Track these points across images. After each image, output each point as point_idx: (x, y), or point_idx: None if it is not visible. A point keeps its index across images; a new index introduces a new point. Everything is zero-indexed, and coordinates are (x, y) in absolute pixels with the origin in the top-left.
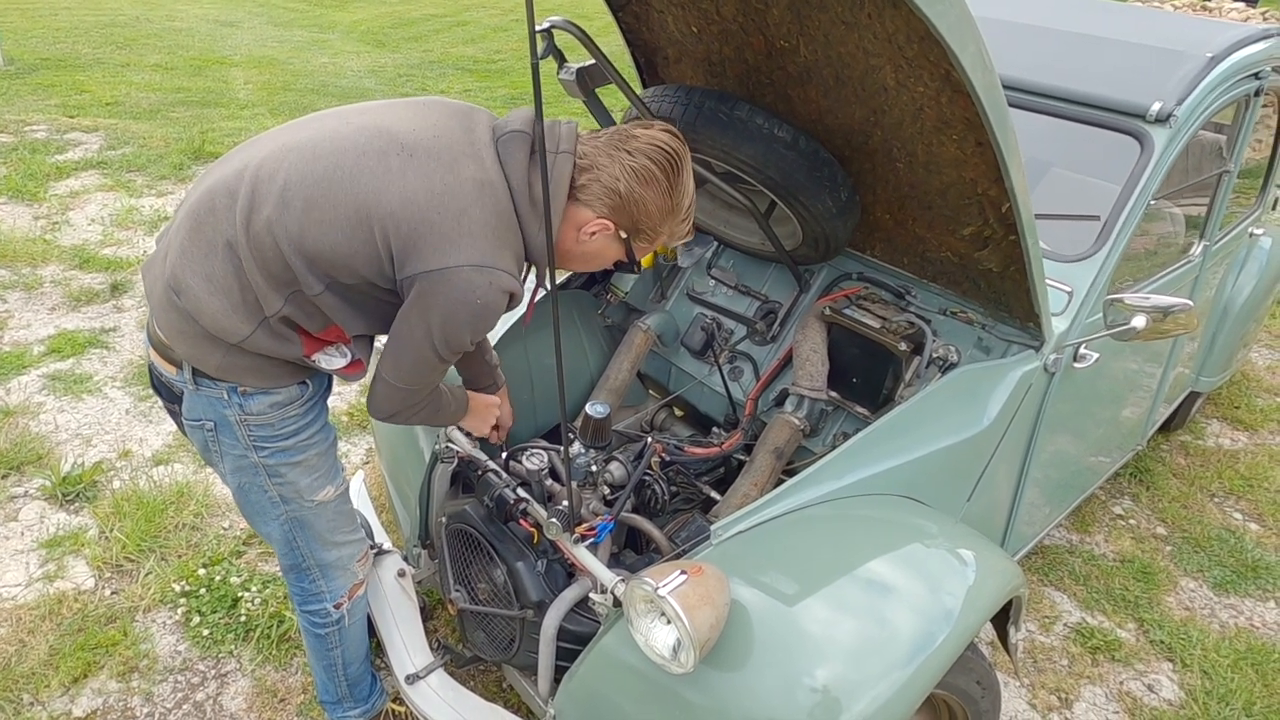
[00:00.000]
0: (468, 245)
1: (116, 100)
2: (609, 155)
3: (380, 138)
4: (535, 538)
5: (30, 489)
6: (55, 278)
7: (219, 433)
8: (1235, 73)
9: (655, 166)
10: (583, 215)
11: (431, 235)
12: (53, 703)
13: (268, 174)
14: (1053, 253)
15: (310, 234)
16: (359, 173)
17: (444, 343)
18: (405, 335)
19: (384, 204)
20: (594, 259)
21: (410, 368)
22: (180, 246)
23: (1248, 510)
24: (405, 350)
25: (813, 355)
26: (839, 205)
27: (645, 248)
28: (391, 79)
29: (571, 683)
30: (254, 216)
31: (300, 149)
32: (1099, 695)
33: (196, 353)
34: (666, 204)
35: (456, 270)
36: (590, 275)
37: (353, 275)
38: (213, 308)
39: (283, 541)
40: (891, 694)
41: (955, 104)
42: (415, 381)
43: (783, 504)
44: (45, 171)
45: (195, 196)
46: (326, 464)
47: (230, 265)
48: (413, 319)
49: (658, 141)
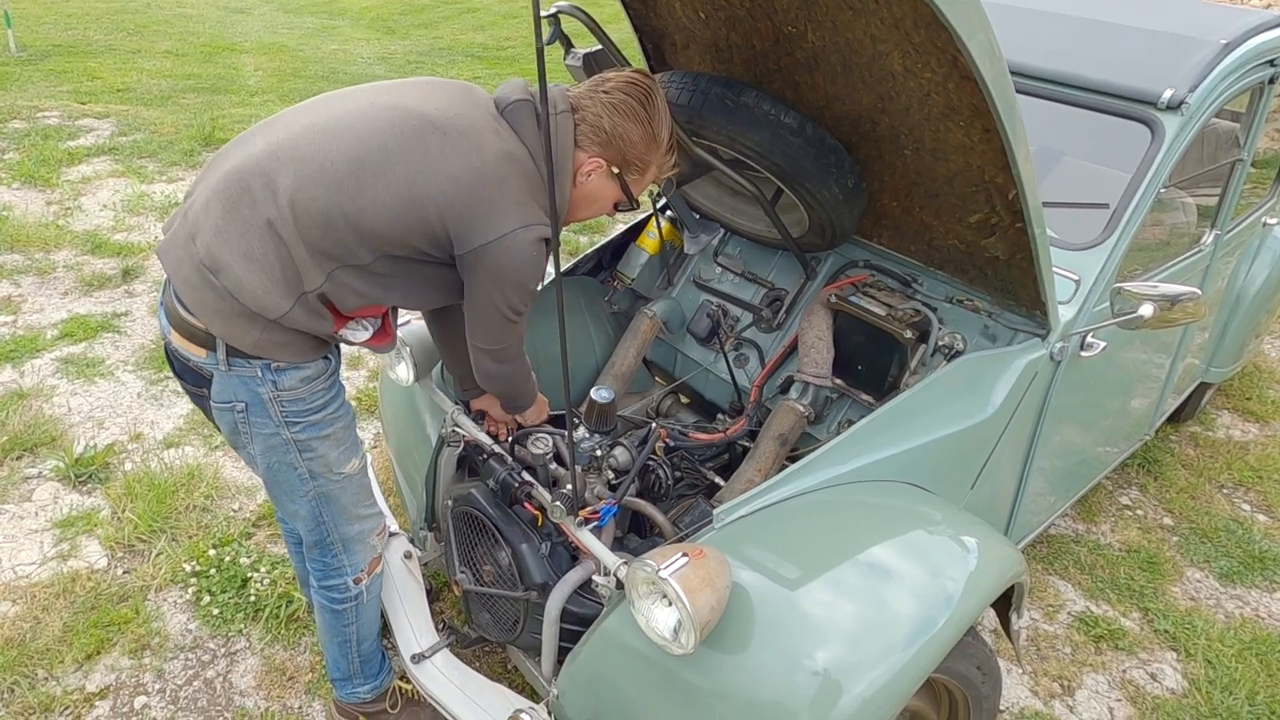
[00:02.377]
0: (514, 211)
1: (128, 87)
2: (590, 98)
3: (411, 118)
4: (540, 521)
5: (44, 470)
6: (68, 263)
7: (250, 413)
8: (1250, 59)
9: (631, 99)
10: (577, 158)
11: (482, 208)
12: (66, 678)
13: (305, 156)
14: (1060, 240)
15: (368, 213)
16: (405, 153)
17: (516, 296)
18: (482, 304)
19: (435, 185)
20: (594, 201)
21: (496, 330)
22: (214, 227)
23: (1256, 502)
24: (486, 317)
25: (818, 343)
26: (845, 192)
27: (638, 181)
28: (401, 66)
29: (574, 664)
30: (299, 196)
31: (334, 131)
32: (1101, 683)
33: (233, 330)
34: (648, 132)
35: (511, 235)
36: (597, 261)
37: (406, 248)
38: (254, 284)
39: (310, 518)
40: (890, 676)
41: (963, 90)
42: (502, 340)
43: (785, 489)
44: (57, 157)
45: (218, 177)
46: (351, 437)
47: (271, 243)
48: (485, 288)
49: (630, 78)
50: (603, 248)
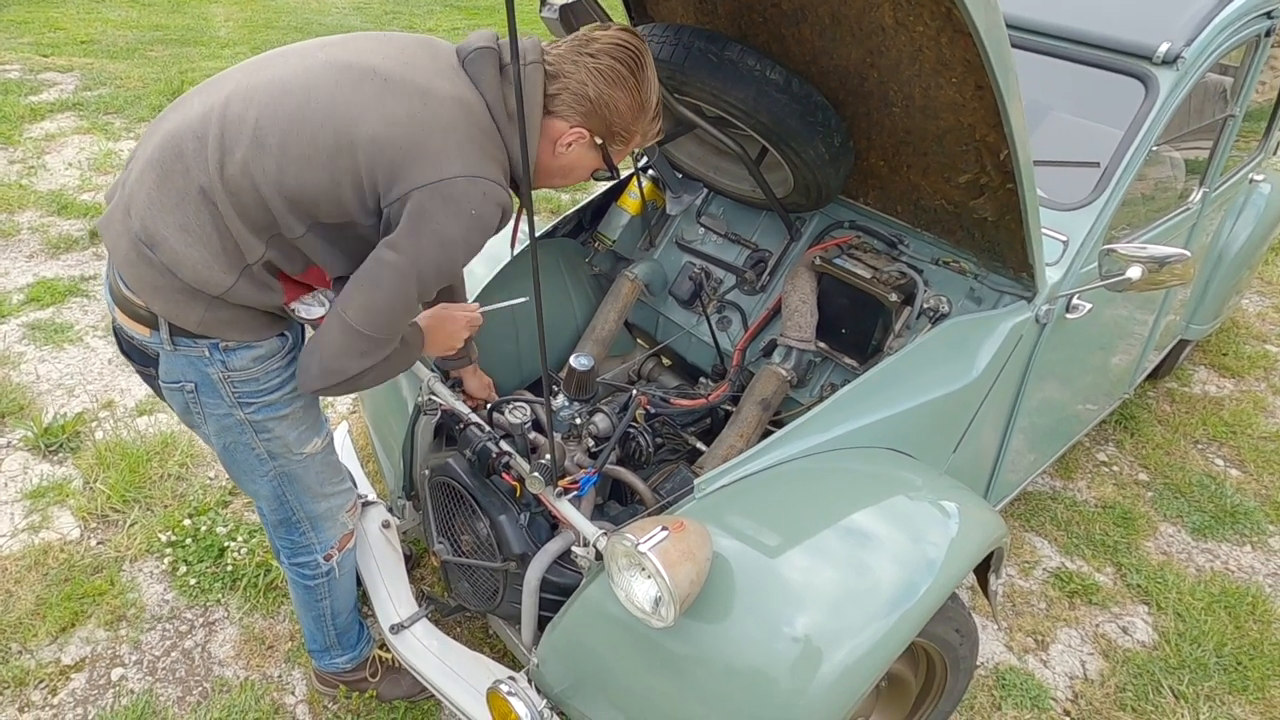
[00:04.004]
0: (457, 157)
1: (92, 38)
2: (573, 62)
3: (351, 69)
4: (518, 491)
5: (13, 440)
6: (33, 224)
7: (200, 393)
8: (1247, 11)
9: (620, 65)
10: (557, 127)
11: (418, 153)
12: (41, 651)
13: (236, 115)
14: (1049, 200)
15: (289, 172)
16: (334, 103)
17: (434, 267)
18: (386, 267)
19: (365, 129)
20: (572, 171)
21: (386, 307)
22: (147, 197)
23: (1229, 456)
24: (383, 284)
25: (801, 306)
26: (832, 151)
27: (620, 151)
28: (378, 16)
29: (555, 633)
30: (227, 160)
31: (268, 87)
32: (1074, 637)
33: (175, 309)
34: (636, 101)
35: (451, 181)
36: (578, 222)
37: (336, 214)
38: (192, 259)
39: (272, 498)
40: (873, 643)
41: (956, 45)
42: (386, 327)
43: (768, 457)
44: (19, 113)
45: (154, 144)
46: (312, 416)
47: (206, 213)
48: (400, 245)
49: (618, 40)
50: (583, 208)
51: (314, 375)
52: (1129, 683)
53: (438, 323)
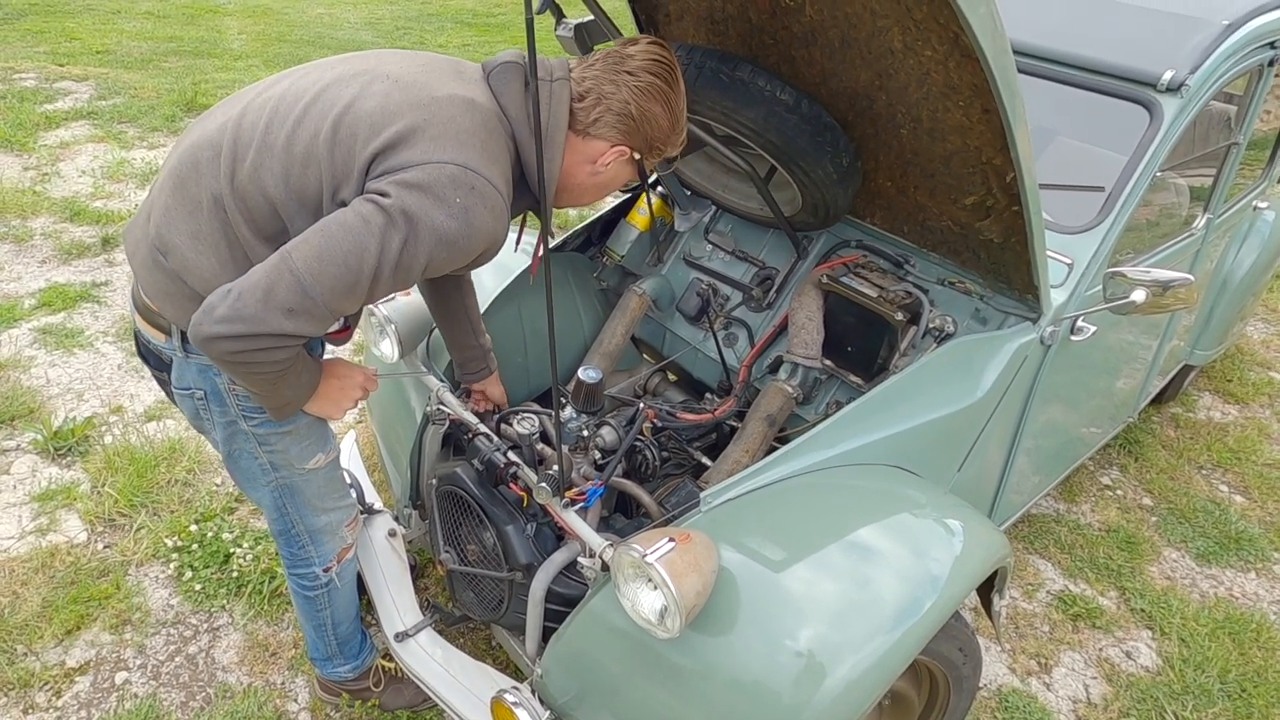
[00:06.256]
0: (455, 146)
1: (107, 49)
2: (612, 82)
3: (364, 74)
4: (525, 501)
5: (22, 443)
6: (46, 230)
7: (209, 401)
8: (1251, 41)
9: (659, 79)
10: (596, 147)
11: (416, 137)
12: (46, 654)
13: (249, 124)
14: (1054, 224)
15: (294, 170)
16: (339, 100)
17: (399, 245)
18: (355, 217)
19: (366, 118)
20: (607, 187)
21: (339, 260)
22: (164, 205)
23: (1234, 483)
24: (345, 235)
25: (808, 323)
26: (840, 171)
27: (653, 163)
28: (389, 31)
29: (559, 644)
30: (238, 168)
31: (282, 97)
32: (1078, 661)
33: (184, 315)
34: (673, 114)
35: (441, 165)
36: (587, 237)
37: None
38: (201, 267)
39: (273, 507)
40: (876, 659)
41: (963, 69)
42: (327, 290)
43: (773, 472)
44: (35, 121)
45: (178, 154)
46: (317, 432)
47: (217, 221)
48: (376, 203)
49: (653, 55)
50: (592, 223)
51: (218, 316)
52: (1132, 708)
53: (334, 374)
